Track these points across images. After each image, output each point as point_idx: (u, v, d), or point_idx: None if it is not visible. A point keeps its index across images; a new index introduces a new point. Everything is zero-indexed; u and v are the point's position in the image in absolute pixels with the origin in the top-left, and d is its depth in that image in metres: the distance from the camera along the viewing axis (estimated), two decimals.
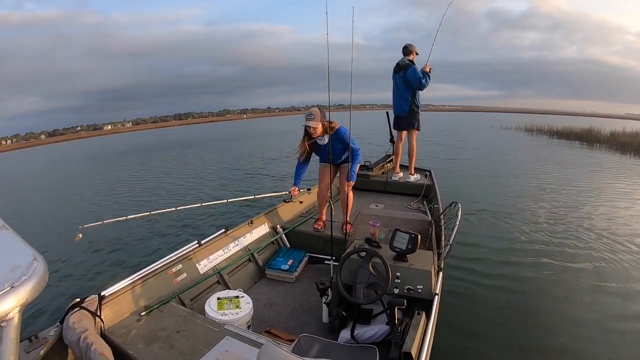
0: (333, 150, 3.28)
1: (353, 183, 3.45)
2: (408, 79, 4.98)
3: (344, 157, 3.50)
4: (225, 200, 3.67)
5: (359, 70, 4.55)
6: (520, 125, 25.32)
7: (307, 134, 3.35)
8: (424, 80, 4.91)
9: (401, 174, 5.36)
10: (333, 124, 3.23)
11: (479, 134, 22.85)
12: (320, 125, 3.21)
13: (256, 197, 3.73)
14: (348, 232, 3.07)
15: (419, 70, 4.92)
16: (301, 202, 4.03)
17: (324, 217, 3.68)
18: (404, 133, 5.35)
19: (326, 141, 3.29)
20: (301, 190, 3.65)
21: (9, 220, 0.75)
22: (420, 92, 5.13)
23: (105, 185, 11.15)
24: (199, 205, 3.24)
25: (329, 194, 3.54)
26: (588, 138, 17.86)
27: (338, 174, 3.75)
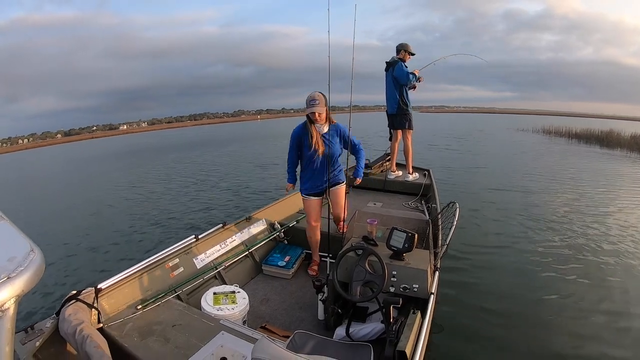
0: (331, 146, 2.97)
1: (360, 180, 3.31)
2: (395, 75, 5.02)
3: (338, 167, 3.12)
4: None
5: (373, 71, 4.61)
6: (538, 127, 24.62)
7: (310, 120, 2.95)
8: (411, 76, 4.96)
9: (399, 173, 5.36)
10: (333, 120, 3.03)
11: (494, 137, 22.01)
12: (325, 111, 2.90)
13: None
14: (344, 231, 3.06)
15: (405, 66, 4.99)
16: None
17: (318, 260, 3.36)
18: (400, 132, 5.36)
19: (325, 130, 2.97)
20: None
21: (8, 213, 0.75)
22: (409, 91, 5.16)
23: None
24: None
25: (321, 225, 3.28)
26: (608, 141, 17.11)
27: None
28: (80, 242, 5.43)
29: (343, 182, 3.19)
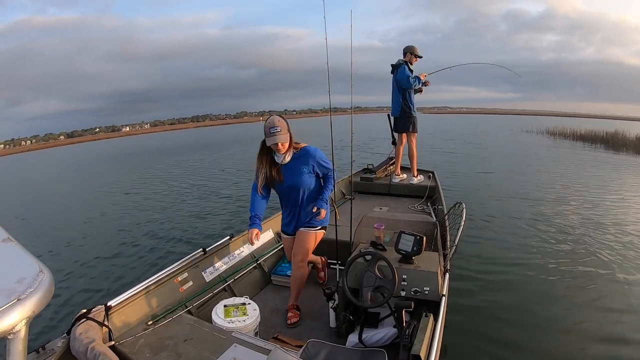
0: (295, 178, 2.55)
1: (324, 212, 2.66)
2: (397, 78, 5.05)
3: (310, 204, 2.63)
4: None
5: (375, 72, 4.71)
6: (542, 128, 24.25)
7: (266, 149, 2.55)
8: (412, 79, 4.95)
9: (403, 176, 5.35)
10: (298, 144, 2.59)
11: (499, 139, 21.57)
12: (288, 138, 2.48)
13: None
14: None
15: (408, 69, 4.99)
16: None
17: (296, 303, 2.80)
18: (404, 135, 5.36)
19: (288, 160, 2.54)
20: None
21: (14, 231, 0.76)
22: (413, 94, 5.16)
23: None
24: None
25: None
26: (614, 142, 16.83)
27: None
28: (88, 260, 5.43)
29: (314, 227, 2.67)
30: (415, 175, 5.32)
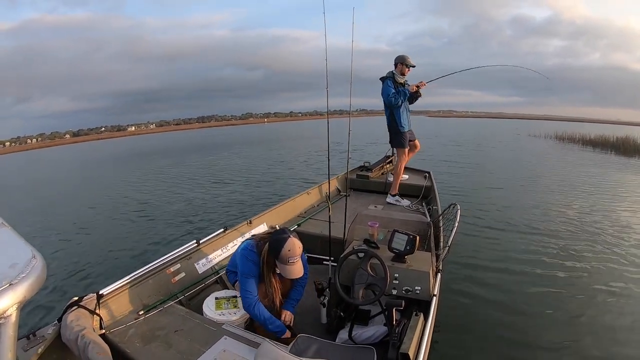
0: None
1: (291, 317, 2.36)
2: (381, 94, 4.57)
3: None
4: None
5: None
6: (549, 133, 23.82)
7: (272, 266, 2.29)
8: (391, 97, 4.40)
9: (405, 176, 5.30)
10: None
11: (506, 144, 20.72)
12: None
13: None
14: None
15: (392, 84, 4.44)
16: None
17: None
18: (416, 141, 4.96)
19: None
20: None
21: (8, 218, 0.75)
22: (403, 110, 4.58)
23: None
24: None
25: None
26: (625, 148, 16.02)
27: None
28: (82, 248, 5.42)
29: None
30: (393, 193, 4.73)
